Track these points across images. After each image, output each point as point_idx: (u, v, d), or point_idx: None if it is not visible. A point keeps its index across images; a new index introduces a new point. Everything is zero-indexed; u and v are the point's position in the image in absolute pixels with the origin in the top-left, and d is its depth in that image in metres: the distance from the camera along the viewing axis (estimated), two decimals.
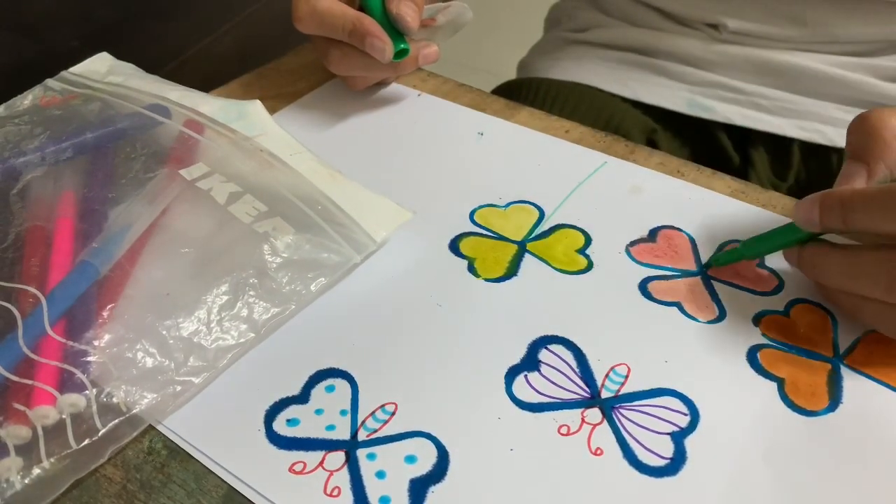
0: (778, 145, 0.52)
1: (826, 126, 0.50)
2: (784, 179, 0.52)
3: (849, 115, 0.49)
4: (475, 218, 0.37)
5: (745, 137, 0.53)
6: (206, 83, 0.46)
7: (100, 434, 0.26)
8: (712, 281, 0.34)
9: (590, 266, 0.34)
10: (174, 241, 0.32)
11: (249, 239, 0.32)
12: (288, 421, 0.28)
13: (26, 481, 0.25)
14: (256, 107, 0.39)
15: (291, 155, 0.37)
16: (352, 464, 0.26)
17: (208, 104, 0.39)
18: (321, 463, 0.27)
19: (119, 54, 0.44)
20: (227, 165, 0.36)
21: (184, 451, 0.27)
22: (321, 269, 0.32)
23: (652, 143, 0.52)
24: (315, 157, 0.37)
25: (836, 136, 0.50)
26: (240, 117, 0.38)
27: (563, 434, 0.27)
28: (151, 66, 0.58)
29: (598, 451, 0.27)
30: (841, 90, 0.49)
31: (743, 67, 0.51)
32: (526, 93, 0.54)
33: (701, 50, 0.51)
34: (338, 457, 0.27)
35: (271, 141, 0.37)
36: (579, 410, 0.28)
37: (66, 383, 0.27)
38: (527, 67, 0.61)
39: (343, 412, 0.28)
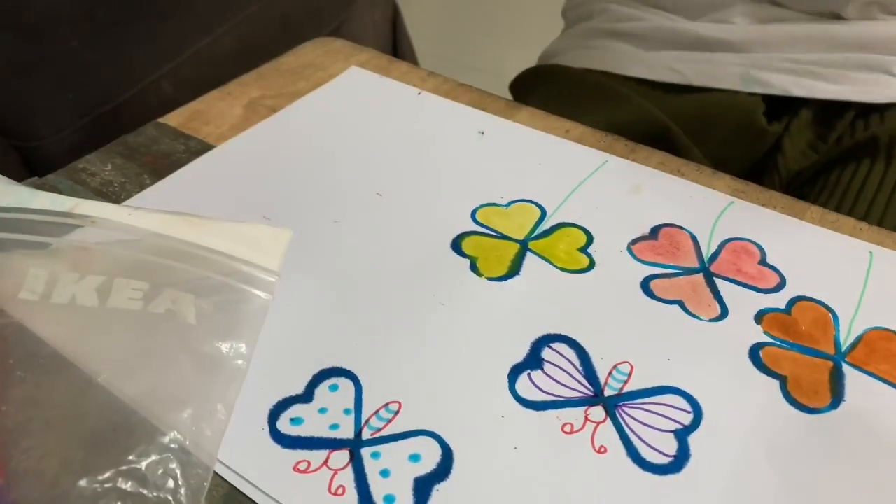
0: (826, 108, 0.50)
1: (882, 86, 0.48)
2: (825, 140, 0.51)
3: None
4: (477, 217, 0.37)
5: (785, 105, 0.51)
6: (205, 83, 0.46)
7: None
8: (714, 279, 0.34)
9: (591, 264, 0.34)
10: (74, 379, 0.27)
11: (152, 325, 0.28)
12: (292, 420, 0.28)
13: None
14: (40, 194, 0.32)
15: (129, 215, 0.31)
16: (356, 462, 0.26)
17: None
18: (325, 462, 0.27)
19: (119, 54, 0.44)
20: (66, 258, 0.29)
21: None
22: (241, 327, 0.29)
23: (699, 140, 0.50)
24: (153, 209, 0.32)
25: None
26: (32, 196, 0.31)
27: (566, 432, 0.27)
28: (151, 66, 0.58)
29: (602, 449, 0.27)
30: None
31: (795, 41, 0.49)
32: (554, 81, 0.53)
33: (751, 31, 0.49)
34: (342, 455, 0.27)
35: (94, 208, 0.31)
36: (583, 408, 0.28)
37: None
38: (555, 57, 0.58)
39: (347, 411, 0.28)
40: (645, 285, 0.33)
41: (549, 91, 0.56)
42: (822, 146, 0.51)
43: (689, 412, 0.28)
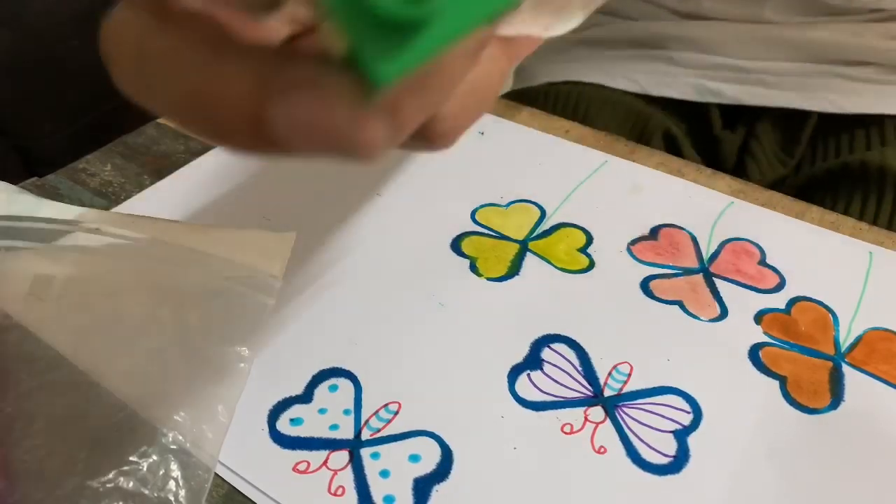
0: (786, 124, 0.50)
1: (835, 95, 0.48)
2: (791, 156, 0.51)
3: (856, 83, 0.48)
4: (476, 217, 0.37)
5: (748, 122, 0.51)
6: None
7: None
8: (714, 279, 0.34)
9: (591, 265, 0.34)
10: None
11: (155, 328, 0.29)
12: (291, 420, 0.28)
13: None
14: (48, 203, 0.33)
15: (133, 223, 0.32)
16: (356, 463, 0.27)
17: None
18: (325, 462, 0.27)
19: None
20: (71, 263, 0.30)
21: None
22: (243, 331, 0.29)
23: (673, 144, 0.50)
24: (157, 217, 0.33)
25: (847, 105, 0.48)
26: (39, 204, 0.32)
27: (566, 433, 0.28)
28: None
29: (602, 450, 0.27)
30: (854, 55, 0.47)
31: (751, 44, 0.49)
32: (537, 100, 0.53)
33: (710, 32, 0.50)
34: (342, 456, 0.27)
35: (99, 216, 0.32)
36: (582, 409, 0.28)
37: None
38: (526, 74, 0.59)
39: (346, 411, 0.28)
40: (644, 286, 0.33)
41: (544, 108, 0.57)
42: (789, 159, 0.51)
43: (688, 412, 0.28)
